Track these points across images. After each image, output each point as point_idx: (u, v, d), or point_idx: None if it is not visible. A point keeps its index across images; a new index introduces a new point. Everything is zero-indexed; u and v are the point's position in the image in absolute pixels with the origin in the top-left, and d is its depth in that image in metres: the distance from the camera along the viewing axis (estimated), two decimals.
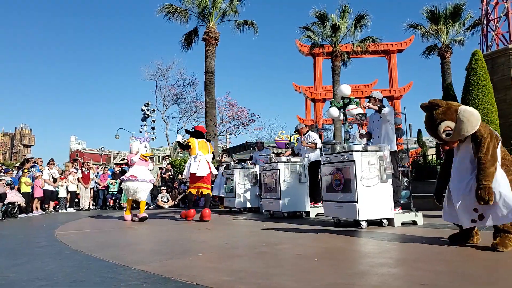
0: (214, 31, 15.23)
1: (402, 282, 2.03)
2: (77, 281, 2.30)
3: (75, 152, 63.35)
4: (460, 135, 2.87)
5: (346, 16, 17.12)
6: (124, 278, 2.31)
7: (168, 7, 15.21)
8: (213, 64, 15.18)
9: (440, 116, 2.88)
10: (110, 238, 4.42)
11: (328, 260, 2.72)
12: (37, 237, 4.71)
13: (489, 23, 9.47)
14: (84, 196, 10.83)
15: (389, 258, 2.69)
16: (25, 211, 8.83)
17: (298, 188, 6.09)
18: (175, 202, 10.88)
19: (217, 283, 2.10)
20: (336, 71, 17.38)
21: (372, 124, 5.14)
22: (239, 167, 8.07)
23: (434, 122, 2.91)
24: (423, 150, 12.28)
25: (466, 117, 2.80)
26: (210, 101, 15.01)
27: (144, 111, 19.93)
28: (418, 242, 3.27)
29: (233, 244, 3.58)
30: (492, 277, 2.11)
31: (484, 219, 2.80)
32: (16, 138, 70.52)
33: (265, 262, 2.67)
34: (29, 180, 9.17)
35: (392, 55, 23.58)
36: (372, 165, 4.33)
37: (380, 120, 4.91)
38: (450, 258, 2.64)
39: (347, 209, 4.35)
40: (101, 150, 49.76)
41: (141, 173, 6.49)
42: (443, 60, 17.38)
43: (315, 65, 23.72)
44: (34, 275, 2.48)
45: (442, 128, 2.87)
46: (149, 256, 3.07)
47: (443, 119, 2.87)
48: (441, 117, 2.88)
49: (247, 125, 27.83)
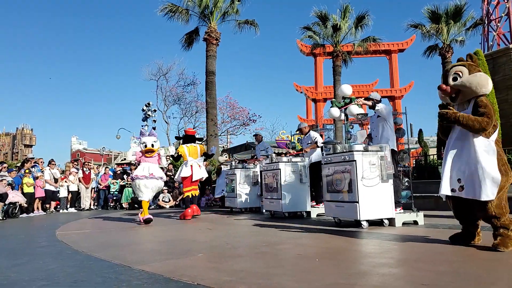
0: (215, 31, 15.23)
1: (403, 282, 2.03)
2: (78, 281, 2.30)
3: (76, 152, 63.45)
4: (464, 86, 2.87)
5: (347, 16, 17.10)
6: (125, 278, 2.32)
7: (169, 7, 15.23)
8: (214, 64, 15.19)
9: (462, 63, 2.97)
10: (111, 238, 4.43)
11: (329, 260, 2.72)
12: (38, 237, 4.72)
13: (490, 23, 9.45)
14: (85, 196, 10.85)
15: (390, 258, 2.69)
16: (26, 211, 8.85)
17: (299, 188, 6.08)
18: (176, 202, 10.89)
19: (218, 283, 2.10)
20: (337, 71, 17.37)
21: (371, 124, 5.13)
22: (240, 167, 8.08)
23: (452, 65, 3.04)
24: (424, 150, 12.26)
25: (479, 76, 2.85)
26: (211, 101, 15.02)
27: (145, 111, 20.00)
28: (419, 242, 3.26)
29: (234, 244, 3.58)
30: (493, 277, 2.10)
31: (463, 191, 2.83)
32: (17, 138, 70.69)
33: (266, 262, 2.67)
34: (31, 180, 9.19)
35: (393, 55, 23.57)
36: (373, 165, 4.32)
37: (378, 120, 4.89)
38: (451, 258, 2.64)
39: (348, 209, 4.35)
40: (102, 150, 49.81)
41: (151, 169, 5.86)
42: (444, 60, 17.36)
43: (316, 65, 23.72)
44: (35, 275, 2.49)
45: (454, 70, 2.94)
46: (150, 256, 3.07)
47: (461, 65, 2.94)
48: (462, 63, 2.95)
49: (248, 125, 27.86)
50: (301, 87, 24.70)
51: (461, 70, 2.91)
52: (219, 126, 24.10)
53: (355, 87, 21.55)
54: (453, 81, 2.91)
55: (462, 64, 2.97)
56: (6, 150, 68.22)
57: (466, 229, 3.07)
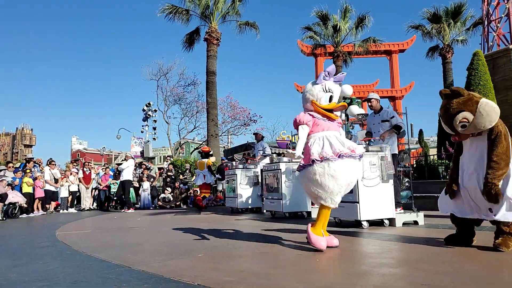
0: (216, 31, 15.24)
1: (404, 283, 2.02)
2: (78, 281, 2.30)
3: (77, 152, 63.43)
4: (476, 129, 2.72)
5: (347, 17, 17.12)
6: (125, 278, 2.31)
7: (170, 8, 15.24)
8: (214, 64, 15.19)
9: (460, 106, 2.72)
10: (111, 238, 4.43)
11: (330, 261, 2.71)
12: (38, 238, 4.72)
13: (490, 24, 9.44)
14: (85, 197, 10.84)
15: (391, 258, 2.69)
16: (26, 212, 8.85)
17: (299, 188, 6.07)
18: (177, 202, 10.89)
19: (218, 283, 2.10)
20: (338, 71, 17.38)
21: (372, 126, 5.12)
22: (240, 167, 8.07)
23: (451, 111, 2.75)
24: (424, 151, 12.25)
25: (487, 111, 2.66)
26: (212, 101, 15.02)
27: (145, 111, 19.95)
28: (419, 243, 3.26)
29: (234, 244, 3.58)
30: (493, 277, 2.10)
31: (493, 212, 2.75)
32: (17, 138, 70.68)
33: (267, 263, 2.67)
34: (31, 180, 9.19)
35: (393, 55, 23.49)
36: (374, 165, 4.32)
37: (382, 124, 4.88)
38: (452, 258, 2.63)
39: (349, 209, 4.35)
40: (102, 150, 49.83)
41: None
42: (445, 60, 17.38)
43: (317, 65, 23.66)
44: (35, 276, 2.49)
45: (458, 119, 2.71)
46: (150, 257, 3.07)
47: (462, 109, 2.70)
48: (460, 107, 2.71)
49: (248, 125, 27.83)
50: (302, 88, 24.71)
51: (465, 116, 2.70)
52: (220, 126, 24.07)
53: (355, 87, 21.49)
54: (463, 128, 2.76)
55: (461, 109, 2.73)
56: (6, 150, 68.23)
57: (461, 232, 3.05)
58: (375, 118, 5.02)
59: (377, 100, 4.98)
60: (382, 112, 4.91)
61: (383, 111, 4.90)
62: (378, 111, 4.94)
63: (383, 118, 4.84)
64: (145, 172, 11.52)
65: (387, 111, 4.85)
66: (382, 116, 4.88)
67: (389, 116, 4.78)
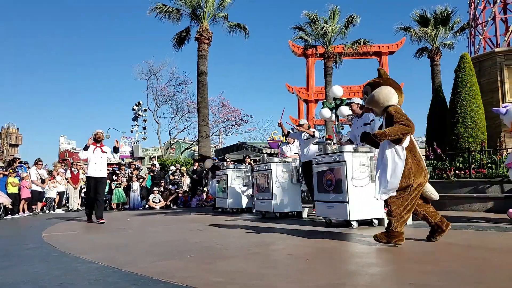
0: (207, 30, 15.16)
1: (391, 282, 2.05)
2: (64, 283, 2.26)
3: (65, 152, 62.27)
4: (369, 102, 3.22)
5: (335, 18, 17.25)
6: (113, 280, 2.28)
7: (160, 7, 15.09)
8: (205, 63, 15.11)
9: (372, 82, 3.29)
10: (100, 239, 4.36)
11: (320, 260, 2.73)
12: (24, 239, 4.62)
13: (476, 27, 9.65)
14: (73, 197, 10.66)
15: (379, 258, 2.72)
16: (11, 213, 8.64)
17: (290, 188, 6.10)
18: (166, 203, 10.79)
19: (208, 284, 2.09)
20: (328, 72, 17.51)
21: (356, 130, 5.08)
22: (231, 167, 8.05)
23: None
24: None
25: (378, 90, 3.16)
26: (203, 101, 14.94)
27: (135, 110, 19.67)
28: (407, 242, 3.30)
29: (225, 245, 3.56)
30: (480, 276, 2.14)
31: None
32: (2, 137, 69.01)
33: (257, 263, 2.67)
34: (16, 180, 8.98)
35: (383, 56, 23.89)
36: (363, 165, 4.36)
37: (364, 127, 4.88)
38: (439, 257, 2.68)
39: (338, 209, 4.38)
40: None
41: None
42: (433, 62, 17.68)
43: (308, 66, 23.86)
44: (21, 279, 2.43)
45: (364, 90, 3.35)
46: (139, 258, 3.04)
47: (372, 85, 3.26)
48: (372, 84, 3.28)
49: (240, 125, 27.81)
50: (293, 88, 24.80)
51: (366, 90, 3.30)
52: (211, 126, 23.97)
53: (346, 88, 21.71)
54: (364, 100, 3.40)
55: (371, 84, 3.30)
56: None
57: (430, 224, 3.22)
58: (358, 122, 5.05)
59: (357, 104, 5.02)
60: (364, 115, 4.94)
61: (365, 114, 4.92)
62: (361, 115, 4.98)
63: (365, 121, 4.87)
64: (134, 173, 11.38)
65: (367, 115, 4.86)
66: (364, 120, 4.91)
67: (369, 119, 4.81)
